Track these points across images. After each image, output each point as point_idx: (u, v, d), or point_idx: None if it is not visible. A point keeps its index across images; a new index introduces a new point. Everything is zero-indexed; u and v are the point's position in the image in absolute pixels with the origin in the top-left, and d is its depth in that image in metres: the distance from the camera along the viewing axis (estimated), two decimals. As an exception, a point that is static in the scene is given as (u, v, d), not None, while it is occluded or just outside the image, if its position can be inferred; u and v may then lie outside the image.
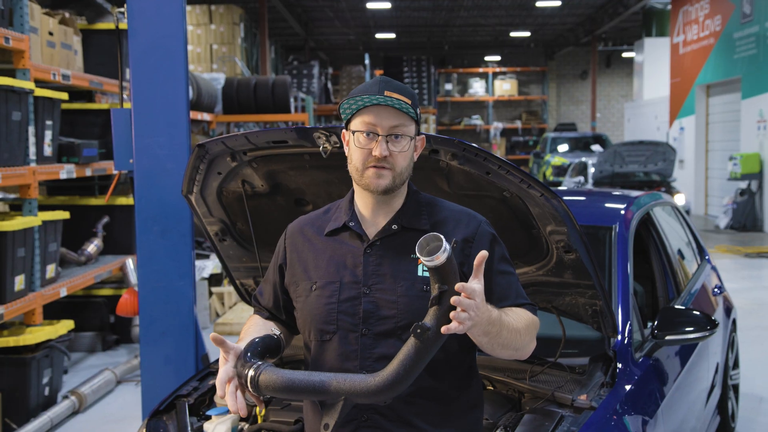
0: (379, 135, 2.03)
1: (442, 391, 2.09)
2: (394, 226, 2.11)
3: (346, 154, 2.13)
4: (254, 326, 2.21)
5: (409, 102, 2.04)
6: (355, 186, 2.16)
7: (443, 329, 1.79)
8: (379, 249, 2.10)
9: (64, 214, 5.61)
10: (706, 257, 4.78)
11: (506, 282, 2.11)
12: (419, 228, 2.10)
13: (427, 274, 2.01)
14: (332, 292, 2.08)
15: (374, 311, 2.05)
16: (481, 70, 30.43)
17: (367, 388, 1.87)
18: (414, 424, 2.05)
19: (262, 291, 2.31)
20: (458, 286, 1.79)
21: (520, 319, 2.04)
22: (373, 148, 2.03)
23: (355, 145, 2.07)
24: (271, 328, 2.17)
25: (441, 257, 1.77)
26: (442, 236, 1.79)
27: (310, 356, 2.17)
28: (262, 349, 2.05)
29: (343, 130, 2.14)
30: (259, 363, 1.96)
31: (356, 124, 2.07)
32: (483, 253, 1.85)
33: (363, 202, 2.14)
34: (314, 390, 1.90)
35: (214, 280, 8.13)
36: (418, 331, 1.82)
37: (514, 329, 1.99)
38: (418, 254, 1.79)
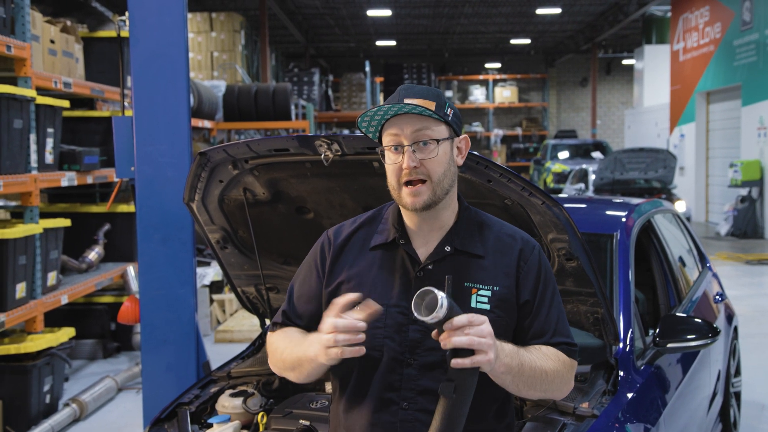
0: (404, 146, 1.90)
1: (486, 427, 1.99)
2: (447, 248, 1.96)
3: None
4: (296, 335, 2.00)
5: (432, 104, 1.90)
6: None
7: (469, 361, 1.70)
8: (431, 274, 1.95)
9: (65, 222, 5.61)
10: (707, 264, 4.78)
11: (544, 318, 1.99)
12: (473, 253, 1.97)
13: (481, 305, 1.93)
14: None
15: (422, 340, 1.90)
16: (481, 77, 30.47)
17: None
18: None
19: (297, 304, 2.08)
20: (463, 317, 1.72)
21: (547, 358, 1.93)
22: (402, 162, 1.90)
23: (386, 163, 1.94)
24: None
25: (441, 311, 1.68)
26: (433, 288, 1.69)
27: (345, 387, 2.01)
28: None
29: (380, 151, 2.01)
30: None
31: (384, 140, 1.95)
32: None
33: (409, 219, 2.00)
34: None
35: (215, 287, 8.13)
36: (447, 391, 1.73)
37: (537, 368, 1.88)
38: (416, 315, 1.69)
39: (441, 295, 1.68)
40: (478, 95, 30.15)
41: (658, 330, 3.03)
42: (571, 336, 2.03)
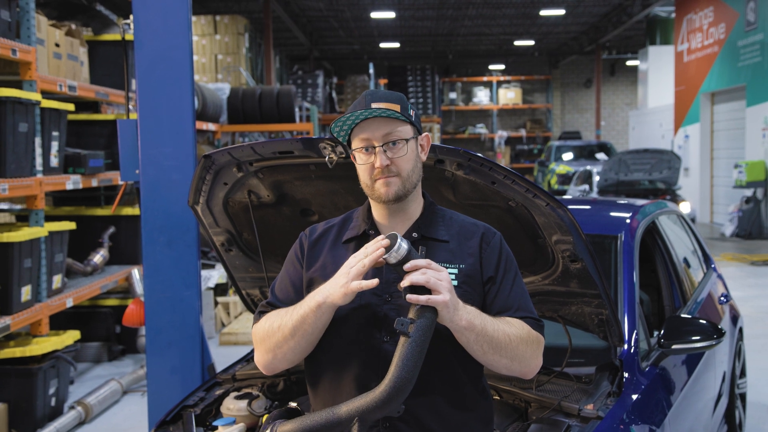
0: (375, 147, 2.05)
1: (461, 402, 2.09)
2: (414, 234, 2.11)
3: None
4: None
5: (398, 106, 2.06)
6: (369, 199, 2.17)
7: (424, 298, 1.85)
8: None
9: (71, 225, 5.62)
10: (712, 265, 4.77)
11: (507, 294, 2.10)
12: (438, 238, 2.12)
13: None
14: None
15: (395, 318, 2.00)
16: (485, 78, 30.46)
17: (375, 401, 1.86)
18: (433, 431, 2.04)
19: (279, 293, 2.20)
20: (423, 260, 1.90)
21: (511, 325, 2.03)
22: (374, 161, 2.05)
23: (358, 164, 2.10)
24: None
25: (401, 251, 1.86)
26: (397, 234, 1.89)
27: (325, 367, 2.11)
28: (279, 416, 2.14)
29: (351, 153, 2.14)
30: (274, 423, 2.01)
31: (354, 143, 2.10)
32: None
33: (379, 213, 2.15)
34: (329, 423, 1.90)
35: (219, 289, 8.14)
36: (401, 326, 1.85)
37: (500, 330, 1.98)
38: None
39: (402, 240, 1.87)
40: (482, 97, 30.16)
41: (663, 331, 3.02)
42: (536, 314, 2.14)
